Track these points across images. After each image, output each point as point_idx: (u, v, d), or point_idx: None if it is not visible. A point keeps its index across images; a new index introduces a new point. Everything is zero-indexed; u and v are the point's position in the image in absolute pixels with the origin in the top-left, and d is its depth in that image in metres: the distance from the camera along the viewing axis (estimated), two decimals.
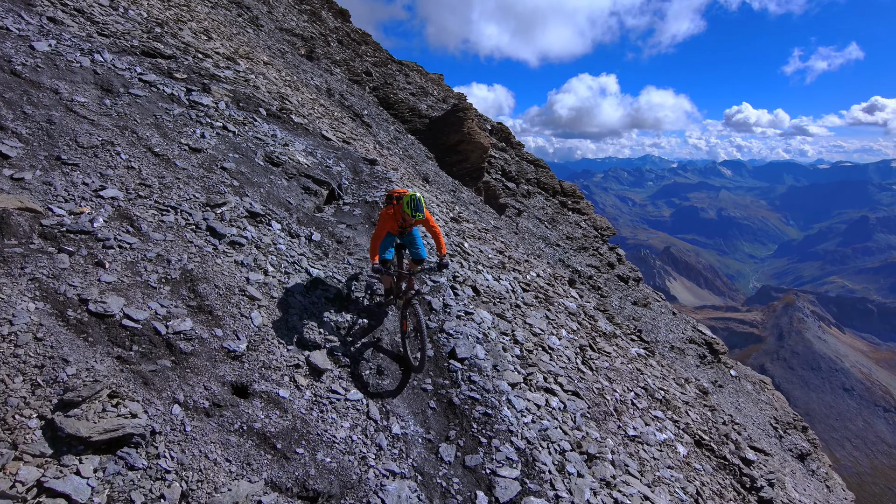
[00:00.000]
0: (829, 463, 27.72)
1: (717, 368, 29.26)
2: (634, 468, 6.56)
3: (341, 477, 4.53)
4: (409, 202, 5.88)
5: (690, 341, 31.95)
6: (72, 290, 4.56)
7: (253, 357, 5.09)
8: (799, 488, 12.07)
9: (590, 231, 41.21)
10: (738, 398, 26.66)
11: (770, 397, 29.08)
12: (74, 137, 6.19)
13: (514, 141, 46.95)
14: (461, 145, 35.13)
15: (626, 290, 36.09)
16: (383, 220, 6.16)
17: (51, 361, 3.93)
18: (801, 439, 25.34)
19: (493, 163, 41.23)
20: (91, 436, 3.64)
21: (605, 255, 38.71)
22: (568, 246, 37.89)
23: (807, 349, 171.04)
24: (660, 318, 34.35)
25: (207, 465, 3.96)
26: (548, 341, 8.02)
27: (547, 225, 39.65)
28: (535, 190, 42.47)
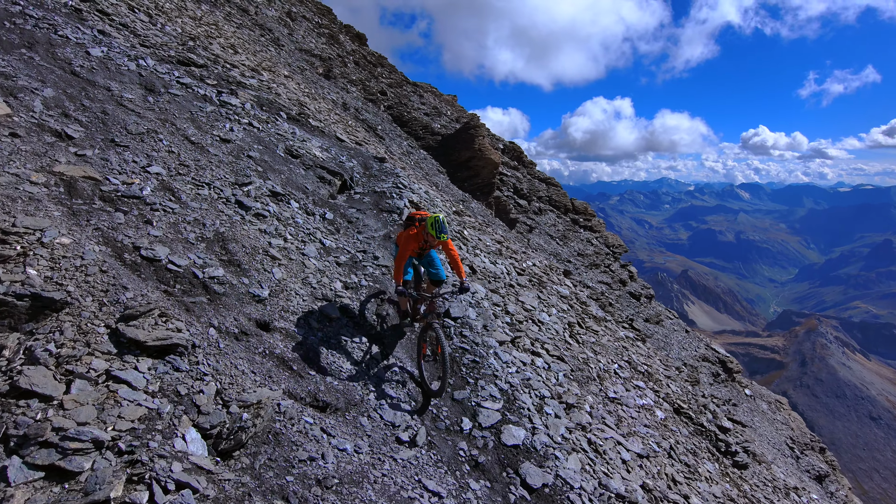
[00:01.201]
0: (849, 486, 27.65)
1: (731, 387, 29.36)
2: (611, 421, 7.31)
3: (346, 396, 5.40)
4: (433, 223, 5.88)
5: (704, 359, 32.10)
6: (127, 239, 5.54)
7: (274, 302, 6.02)
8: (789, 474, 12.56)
9: (601, 248, 41.67)
10: (752, 417, 26.73)
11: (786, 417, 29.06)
12: (124, 126, 7.27)
13: (526, 160, 47.78)
14: (472, 161, 36.19)
15: (638, 307, 36.40)
16: (406, 241, 6.14)
17: (113, 287, 4.88)
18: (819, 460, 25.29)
19: (505, 180, 42.08)
20: (146, 341, 4.57)
21: (616, 273, 39.16)
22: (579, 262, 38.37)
23: (831, 376, 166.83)
24: (672, 336, 34.57)
25: (237, 373, 4.85)
26: (537, 316, 8.83)
27: (558, 241, 40.24)
28: (547, 207, 43.17)
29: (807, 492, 11.48)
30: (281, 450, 4.45)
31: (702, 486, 7.20)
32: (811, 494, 11.34)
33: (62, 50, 7.98)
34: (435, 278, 6.56)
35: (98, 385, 4.14)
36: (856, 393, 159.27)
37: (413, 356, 6.58)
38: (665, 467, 6.99)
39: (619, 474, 6.19)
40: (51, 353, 4.19)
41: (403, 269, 6.12)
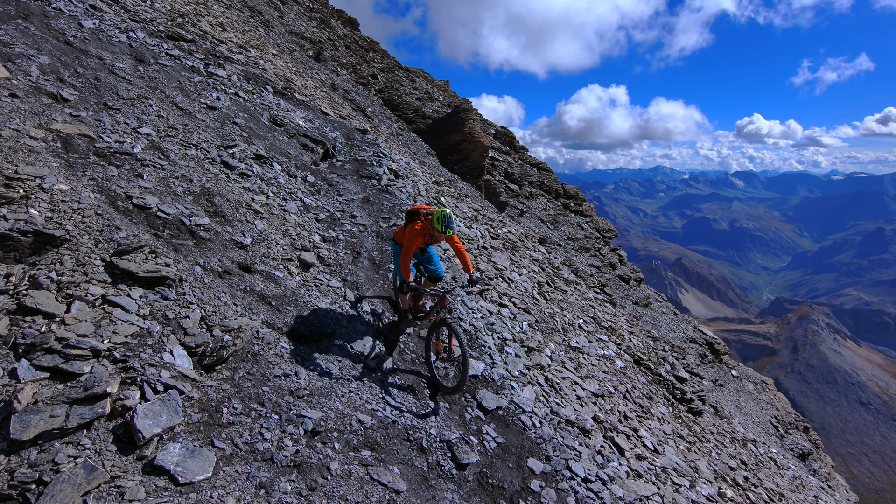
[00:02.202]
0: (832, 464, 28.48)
1: (717, 368, 30.11)
2: (570, 366, 7.93)
3: (320, 328, 5.99)
4: (439, 218, 5.72)
5: (691, 341, 32.83)
6: (119, 189, 6.08)
7: (255, 249, 6.58)
8: (748, 426, 13.26)
9: (592, 232, 42.24)
10: (738, 397, 27.50)
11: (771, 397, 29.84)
12: (116, 91, 7.76)
13: (518, 145, 48.06)
14: (462, 144, 36.57)
15: (628, 289, 37.05)
16: (412, 236, 5.96)
17: (107, 228, 5.43)
18: (803, 439, 26.10)
19: (497, 165, 42.44)
20: (138, 272, 5.12)
21: (606, 256, 39.76)
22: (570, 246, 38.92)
23: (822, 362, 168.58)
24: (661, 318, 35.26)
25: (220, 304, 5.42)
26: (508, 274, 9.42)
27: (549, 225, 40.73)
28: (538, 192, 43.60)
29: (766, 445, 12.19)
30: (258, 367, 5.03)
31: (653, 423, 7.85)
32: (771, 448, 12.04)
33: (56, 21, 8.44)
34: (434, 275, 6.53)
35: (95, 307, 4.70)
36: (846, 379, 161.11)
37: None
38: (619, 405, 7.63)
39: (572, 406, 6.82)
40: (52, 280, 4.75)
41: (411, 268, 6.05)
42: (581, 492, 5.37)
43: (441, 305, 5.95)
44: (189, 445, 4.04)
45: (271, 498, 4.00)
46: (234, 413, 4.48)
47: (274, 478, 4.13)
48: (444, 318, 5.86)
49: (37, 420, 3.76)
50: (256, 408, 4.61)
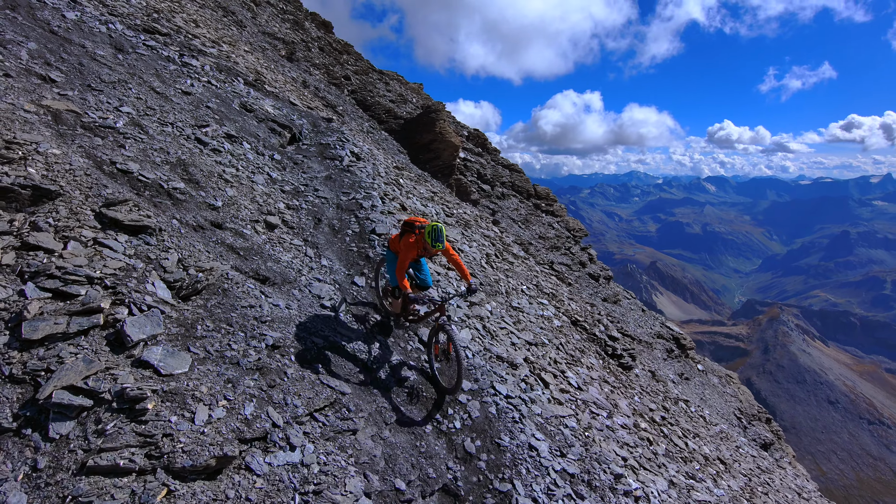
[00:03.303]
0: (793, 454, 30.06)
1: (684, 363, 31.52)
2: (509, 321, 8.99)
3: (283, 276, 6.94)
4: (430, 232, 5.90)
5: (658, 336, 34.22)
6: (105, 156, 6.96)
7: (226, 210, 7.50)
8: (689, 393, 14.49)
9: (562, 232, 43.57)
10: (703, 390, 28.88)
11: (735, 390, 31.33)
12: (98, 75, 8.62)
13: (490, 147, 49.22)
14: (433, 144, 37.60)
15: (597, 287, 38.38)
16: (406, 248, 6.16)
17: (96, 185, 6.31)
18: (765, 430, 27.57)
19: (469, 166, 43.51)
20: (124, 221, 6.02)
21: (576, 255, 41.11)
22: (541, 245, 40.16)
23: (792, 362, 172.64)
24: (629, 315, 36.64)
25: (194, 251, 6.34)
26: (458, 246, 10.46)
27: (520, 225, 41.93)
28: (510, 192, 44.81)
29: (700, 408, 13.42)
30: (228, 299, 5.97)
31: (581, 370, 8.94)
32: (704, 411, 13.27)
33: (41, 12, 9.25)
34: (422, 284, 6.78)
35: (87, 246, 5.59)
36: (815, 378, 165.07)
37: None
38: (550, 352, 8.72)
39: (505, 347, 7.87)
40: (50, 225, 5.62)
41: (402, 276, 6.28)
42: (502, 404, 6.42)
43: (441, 312, 6.24)
44: (169, 348, 4.97)
45: (237, 390, 4.95)
46: (207, 330, 5.42)
47: (240, 376, 5.09)
48: (443, 324, 6.14)
49: (43, 325, 4.66)
50: (225, 327, 5.55)
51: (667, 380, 13.37)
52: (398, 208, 10.24)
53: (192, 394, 4.70)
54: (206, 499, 4.18)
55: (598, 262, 42.40)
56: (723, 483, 8.27)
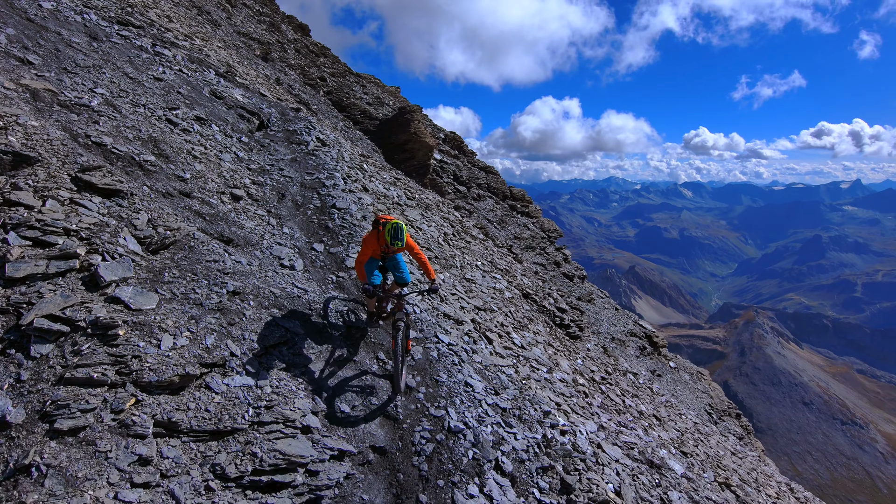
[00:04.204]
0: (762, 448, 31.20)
1: (656, 360, 32.52)
2: (461, 289, 9.73)
3: (246, 239, 7.61)
4: (390, 230, 5.97)
5: (631, 334, 35.24)
6: (80, 130, 7.56)
7: (194, 182, 8.14)
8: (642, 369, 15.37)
9: (537, 232, 44.53)
10: (675, 387, 29.91)
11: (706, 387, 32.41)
12: (74, 60, 9.20)
13: (467, 149, 50.07)
14: (408, 144, 38.31)
15: (571, 286, 39.38)
16: (367, 243, 6.33)
17: (72, 154, 6.92)
18: (735, 425, 28.64)
19: (446, 168, 44.28)
20: (98, 184, 6.64)
21: (551, 255, 42.07)
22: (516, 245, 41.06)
23: (767, 364, 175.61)
24: (602, 313, 37.65)
25: (164, 213, 6.98)
26: (418, 225, 11.19)
27: (496, 225, 42.76)
28: (486, 194, 45.65)
29: (651, 382, 14.29)
30: (193, 254, 6.62)
31: (527, 334, 9.73)
32: (653, 385, 14.15)
33: (18, 1, 9.80)
34: (400, 281, 6.77)
35: (64, 204, 6.21)
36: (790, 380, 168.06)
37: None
38: (498, 317, 9.48)
39: (454, 309, 8.61)
40: (30, 186, 6.22)
41: (370, 272, 6.44)
42: (443, 350, 7.16)
43: (398, 308, 6.31)
44: (139, 289, 5.62)
45: (199, 324, 5.61)
46: (173, 277, 6.07)
47: (202, 314, 5.75)
48: (397, 320, 6.21)
49: (25, 266, 5.28)
50: (190, 275, 6.21)
51: (618, 356, 14.24)
52: (360, 189, 10.94)
53: (158, 325, 5.35)
54: (169, 408, 4.84)
55: (573, 263, 43.45)
56: (653, 433, 9.09)
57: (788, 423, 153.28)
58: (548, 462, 6.16)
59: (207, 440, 4.86)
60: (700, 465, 9.04)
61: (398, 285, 6.83)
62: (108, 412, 4.57)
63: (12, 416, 4.34)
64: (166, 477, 4.45)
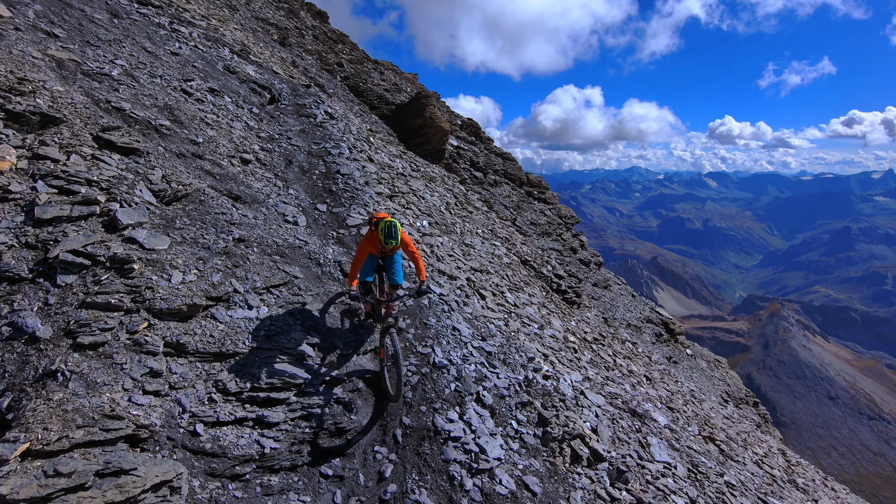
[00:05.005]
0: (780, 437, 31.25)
1: (673, 347, 32.60)
2: (458, 252, 10.20)
3: (253, 197, 8.17)
4: (383, 228, 5.77)
5: (648, 321, 35.32)
6: (101, 96, 8.18)
7: (205, 146, 8.73)
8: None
9: (554, 219, 44.61)
10: (692, 374, 30.04)
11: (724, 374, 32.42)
12: (96, 34, 9.84)
13: (484, 136, 50.11)
14: (423, 129, 38.64)
15: (588, 272, 39.58)
16: (364, 243, 6.17)
17: (94, 116, 7.53)
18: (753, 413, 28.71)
19: (462, 154, 44.52)
20: (117, 142, 7.25)
21: (568, 241, 42.20)
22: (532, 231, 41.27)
23: (792, 358, 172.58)
24: (619, 300, 37.77)
25: (177, 171, 7.56)
26: (421, 193, 11.67)
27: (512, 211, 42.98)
28: (503, 180, 45.82)
29: (651, 353, 14.61)
30: (203, 206, 7.20)
31: (522, 295, 10.17)
32: (653, 356, 14.47)
33: None
34: (392, 282, 6.53)
35: (87, 159, 6.81)
36: (815, 374, 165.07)
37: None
38: (493, 279, 9.94)
39: (449, 267, 9.09)
40: (56, 142, 6.84)
41: (363, 272, 6.24)
42: (434, 299, 7.65)
43: (387, 314, 6.14)
44: (153, 232, 6.21)
45: (206, 265, 6.19)
46: (184, 224, 6.66)
47: (209, 256, 6.33)
48: (387, 325, 6.02)
49: (52, 209, 5.90)
50: (200, 224, 6.79)
51: (620, 326, 14.58)
52: (365, 159, 11.45)
53: (169, 263, 5.94)
54: (178, 332, 5.42)
55: (590, 249, 43.58)
56: (641, 389, 9.49)
57: (813, 417, 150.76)
58: (527, 398, 6.63)
59: (211, 361, 5.44)
60: (686, 420, 9.42)
61: (392, 288, 6.58)
62: (123, 332, 5.17)
63: (41, 332, 4.96)
64: (174, 388, 5.04)
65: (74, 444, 4.09)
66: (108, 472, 4.02)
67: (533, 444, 6.10)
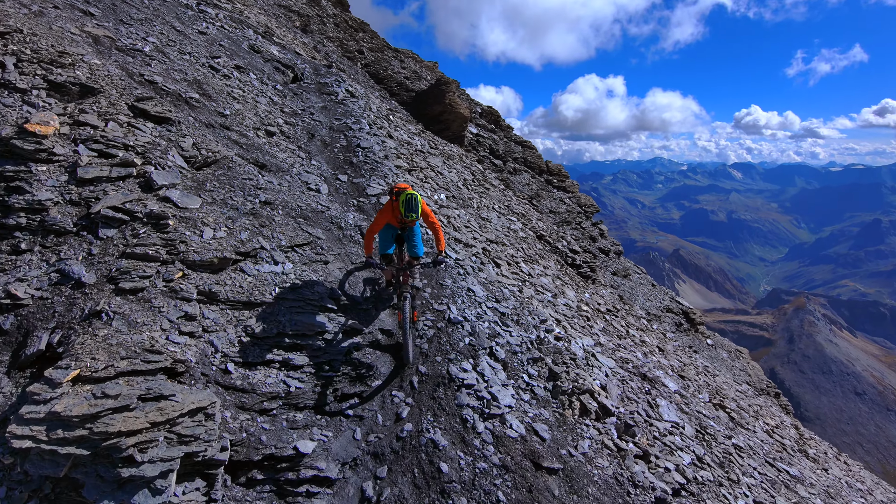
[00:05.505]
0: None
1: (693, 336, 32.45)
2: (475, 225, 10.48)
3: (277, 166, 8.54)
4: (404, 201, 5.82)
5: (668, 310, 35.20)
6: (135, 69, 8.61)
7: (232, 118, 9.12)
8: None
9: (573, 207, 44.48)
10: (712, 363, 29.97)
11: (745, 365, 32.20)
12: (128, 13, 10.28)
13: (503, 124, 50.04)
14: (443, 115, 38.79)
15: (607, 261, 39.48)
16: (382, 213, 6.28)
17: (128, 87, 7.95)
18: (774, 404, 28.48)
19: (482, 142, 44.58)
20: (151, 111, 7.66)
21: (587, 230, 42.09)
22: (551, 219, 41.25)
23: (818, 353, 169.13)
24: (638, 289, 37.66)
25: (206, 139, 7.95)
26: (439, 170, 11.96)
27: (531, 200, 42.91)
28: (522, 168, 45.77)
29: (667, 331, 14.74)
30: (231, 172, 7.59)
31: (536, 266, 10.42)
32: (669, 334, 14.60)
33: None
34: (412, 254, 6.61)
35: (123, 126, 7.24)
36: (841, 369, 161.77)
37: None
38: (508, 250, 10.20)
39: (467, 238, 9.38)
40: (94, 111, 7.27)
41: (385, 242, 6.46)
42: (451, 263, 7.96)
43: (403, 281, 6.33)
44: (185, 192, 6.61)
45: (235, 223, 6.57)
46: (214, 187, 7.05)
47: (238, 216, 6.71)
48: (402, 292, 6.22)
49: (93, 170, 6.32)
50: (228, 187, 7.18)
51: (635, 304, 14.74)
52: (385, 135, 11.76)
53: (201, 220, 6.34)
54: (210, 282, 5.82)
55: (609, 238, 43.45)
56: (653, 358, 9.69)
57: (839, 413, 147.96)
58: (538, 355, 6.91)
59: (241, 308, 5.82)
60: (697, 388, 9.61)
61: (412, 259, 6.65)
62: (160, 280, 5.57)
63: (86, 278, 5.39)
64: (207, 331, 5.43)
65: (119, 373, 4.49)
66: (150, 396, 4.41)
67: (543, 395, 6.38)
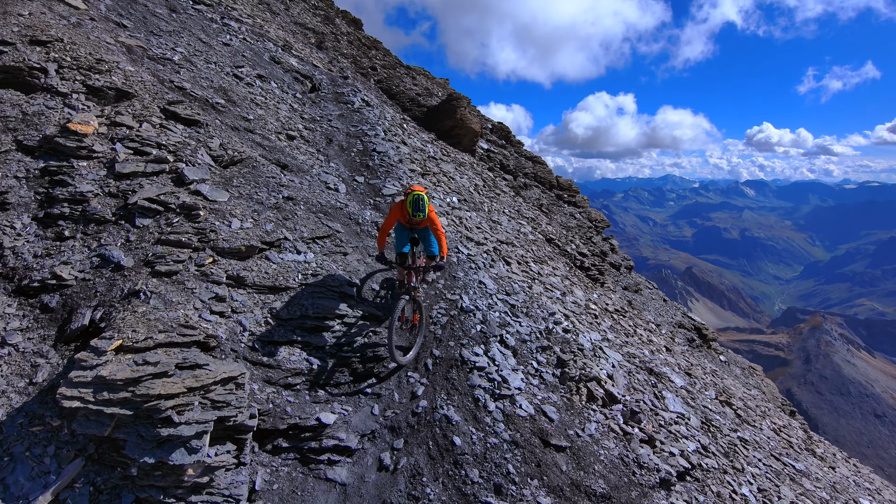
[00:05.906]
0: None
1: (706, 353, 32.36)
2: (486, 226, 10.84)
3: (298, 166, 8.99)
4: (411, 201, 5.89)
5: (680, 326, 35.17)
6: (165, 76, 9.14)
7: (255, 122, 9.61)
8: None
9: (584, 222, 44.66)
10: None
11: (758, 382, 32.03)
12: (158, 25, 10.87)
13: (514, 139, 50.57)
14: (454, 130, 39.36)
15: (618, 276, 39.58)
16: (392, 211, 6.38)
17: (160, 92, 8.46)
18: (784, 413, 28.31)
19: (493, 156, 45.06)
20: (181, 114, 8.15)
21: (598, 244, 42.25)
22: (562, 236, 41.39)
23: (835, 373, 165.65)
24: (650, 304, 37.69)
25: (232, 140, 8.41)
26: (451, 175, 12.37)
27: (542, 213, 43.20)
28: (533, 183, 46.19)
29: (674, 338, 14.92)
30: (256, 170, 8.03)
31: (545, 267, 10.73)
32: (676, 338, 14.78)
33: None
34: (428, 254, 6.64)
35: (156, 127, 7.72)
36: (860, 390, 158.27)
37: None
38: (518, 250, 10.53)
39: (478, 238, 9.73)
40: (129, 112, 7.77)
41: (398, 243, 6.58)
42: (463, 258, 8.31)
43: (409, 280, 6.41)
44: (214, 187, 7.05)
45: (261, 216, 6.98)
46: (240, 183, 7.49)
47: (262, 209, 7.13)
48: (407, 290, 6.32)
49: (129, 166, 6.78)
50: (253, 183, 7.61)
51: (643, 309, 14.96)
52: (399, 142, 12.22)
53: (229, 212, 6.76)
54: (238, 267, 6.21)
55: (620, 252, 43.57)
56: (659, 356, 9.92)
57: (858, 435, 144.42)
58: (547, 344, 7.21)
59: (266, 293, 6.20)
60: (703, 385, 9.81)
61: (429, 259, 6.67)
62: (192, 265, 5.98)
63: (124, 261, 5.80)
64: (236, 312, 5.81)
65: (157, 344, 4.86)
66: (186, 365, 4.77)
67: (552, 381, 6.66)
